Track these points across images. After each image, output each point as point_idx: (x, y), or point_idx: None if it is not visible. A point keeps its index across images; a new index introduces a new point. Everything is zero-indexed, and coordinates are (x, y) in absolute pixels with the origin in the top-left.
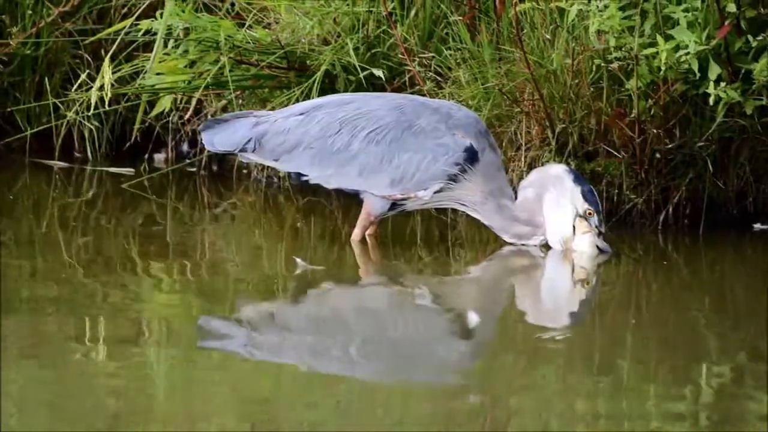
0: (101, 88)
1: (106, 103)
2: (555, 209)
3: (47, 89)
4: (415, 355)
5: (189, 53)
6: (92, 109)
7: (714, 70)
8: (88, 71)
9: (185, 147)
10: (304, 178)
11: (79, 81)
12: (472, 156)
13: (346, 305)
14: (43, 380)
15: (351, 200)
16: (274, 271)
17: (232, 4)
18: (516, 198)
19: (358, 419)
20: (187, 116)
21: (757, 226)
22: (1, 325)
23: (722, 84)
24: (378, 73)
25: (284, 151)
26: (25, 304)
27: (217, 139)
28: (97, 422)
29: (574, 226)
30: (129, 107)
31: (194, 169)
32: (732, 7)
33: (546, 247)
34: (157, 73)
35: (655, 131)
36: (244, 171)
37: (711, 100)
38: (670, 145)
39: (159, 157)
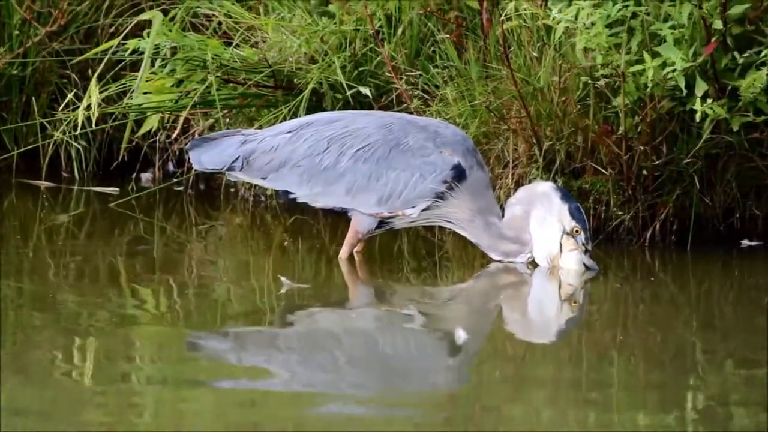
0: (88, 107)
1: (93, 122)
2: (542, 227)
3: (34, 109)
4: (403, 373)
5: (176, 72)
6: (79, 128)
7: (701, 87)
8: (75, 91)
9: (172, 166)
10: (292, 197)
11: (66, 100)
12: (459, 174)
13: (333, 324)
14: (29, 399)
15: (338, 219)
16: (262, 290)
17: (219, 23)
18: (503, 216)
19: None
20: (174, 135)
21: (745, 242)
22: None
23: (709, 101)
24: (365, 91)
25: (272, 169)
26: (12, 325)
27: (204, 158)
28: None
29: (561, 244)
30: (116, 127)
31: (181, 188)
32: (718, 24)
33: (533, 264)
34: (144, 93)
35: (642, 148)
36: (232, 190)
37: (698, 117)
38: (657, 162)
39: (146, 176)
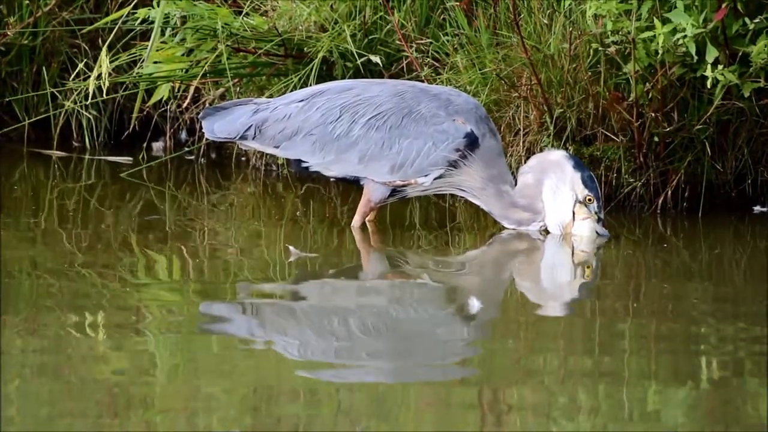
0: (99, 77)
1: (104, 92)
2: (555, 195)
3: (45, 79)
4: (417, 342)
5: (186, 41)
6: (90, 98)
7: (711, 53)
8: (85, 60)
9: (183, 135)
10: (305, 165)
11: (76, 70)
12: (472, 142)
13: (346, 292)
14: (43, 368)
15: (349, 187)
16: (273, 259)
17: None
18: (516, 184)
19: (356, 409)
20: (185, 104)
21: (757, 208)
22: (1, 315)
23: (720, 67)
24: (375, 59)
25: (285, 138)
26: (25, 294)
27: (217, 127)
28: (98, 411)
29: (573, 212)
30: (127, 96)
31: (192, 158)
32: None
33: (545, 231)
34: (155, 62)
35: (653, 115)
36: (243, 159)
37: (708, 83)
38: (668, 129)
39: (157, 145)
